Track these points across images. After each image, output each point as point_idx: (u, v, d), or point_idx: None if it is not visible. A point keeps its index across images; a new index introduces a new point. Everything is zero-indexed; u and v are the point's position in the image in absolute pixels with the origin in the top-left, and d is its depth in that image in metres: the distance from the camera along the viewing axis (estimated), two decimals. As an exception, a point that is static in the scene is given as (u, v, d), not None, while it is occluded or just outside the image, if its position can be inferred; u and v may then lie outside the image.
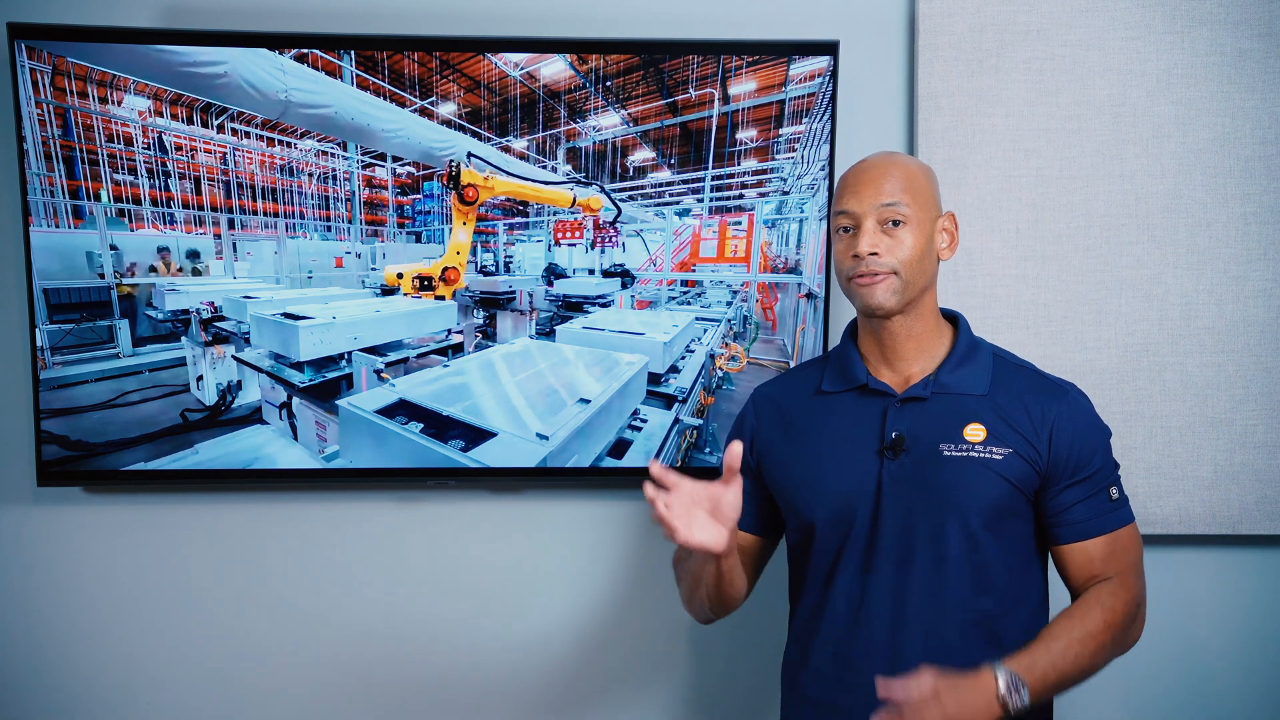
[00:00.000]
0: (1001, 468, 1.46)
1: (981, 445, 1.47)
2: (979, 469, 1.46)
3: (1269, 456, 2.06)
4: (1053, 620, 1.48)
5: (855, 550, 1.49)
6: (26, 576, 2.17)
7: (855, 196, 1.49)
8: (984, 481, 1.46)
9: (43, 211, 2.01)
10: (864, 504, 1.49)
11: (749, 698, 2.19)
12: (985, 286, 2.08)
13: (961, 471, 1.46)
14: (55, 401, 2.04)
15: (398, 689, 2.20)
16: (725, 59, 2.06)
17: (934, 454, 1.48)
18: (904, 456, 1.49)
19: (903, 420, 1.50)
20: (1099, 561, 1.50)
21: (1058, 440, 1.48)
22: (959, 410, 1.49)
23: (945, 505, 1.46)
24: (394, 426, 2.06)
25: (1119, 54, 2.06)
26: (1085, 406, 1.53)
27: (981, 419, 1.49)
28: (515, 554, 2.20)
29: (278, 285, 2.15)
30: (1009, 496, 1.47)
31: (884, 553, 1.48)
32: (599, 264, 2.17)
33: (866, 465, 1.50)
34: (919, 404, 1.51)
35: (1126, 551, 1.52)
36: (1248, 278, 2.06)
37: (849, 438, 1.53)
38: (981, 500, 1.46)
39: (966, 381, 1.51)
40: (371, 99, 2.06)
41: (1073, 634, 1.42)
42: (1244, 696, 2.17)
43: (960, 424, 1.48)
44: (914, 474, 1.48)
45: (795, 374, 1.68)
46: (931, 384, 1.51)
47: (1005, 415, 1.49)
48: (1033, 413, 1.49)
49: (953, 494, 1.46)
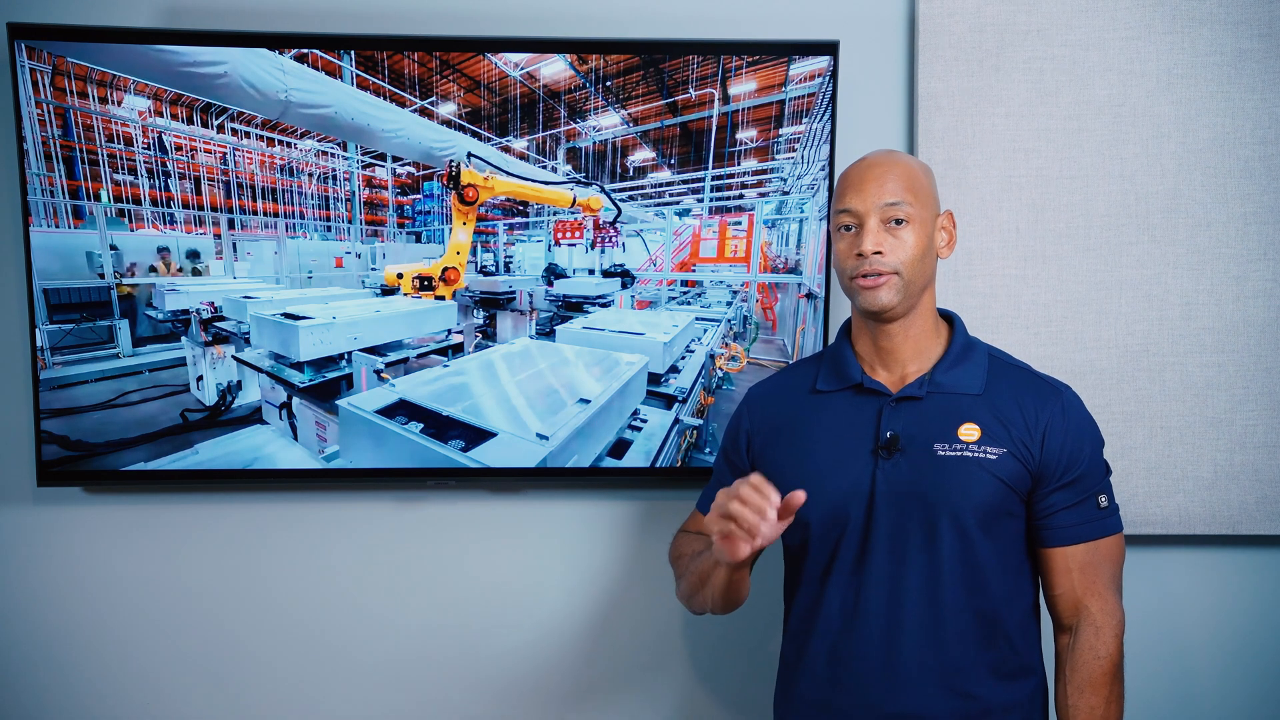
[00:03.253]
0: (995, 468, 1.46)
1: (976, 445, 1.47)
2: (973, 468, 1.46)
3: (1269, 456, 2.06)
4: (1070, 705, 1.52)
5: (850, 550, 1.49)
6: (26, 576, 2.17)
7: (858, 195, 1.49)
8: (978, 481, 1.46)
9: (43, 211, 2.01)
10: (858, 504, 1.49)
11: (745, 696, 2.19)
12: (985, 286, 2.08)
13: (956, 471, 1.46)
14: (55, 401, 2.04)
15: (397, 688, 2.20)
16: (725, 59, 2.06)
17: (928, 453, 1.48)
18: (899, 456, 1.48)
19: (897, 420, 1.50)
20: (1077, 571, 1.51)
21: (1049, 441, 1.48)
22: (954, 410, 1.49)
23: (939, 505, 1.46)
24: (394, 426, 2.06)
25: (1119, 54, 2.06)
26: (1079, 409, 1.53)
27: (976, 418, 1.48)
28: (515, 554, 2.20)
29: (278, 285, 2.15)
30: (1003, 496, 1.47)
31: (878, 552, 1.48)
32: (599, 264, 2.17)
33: (861, 465, 1.50)
34: (914, 403, 1.51)
35: (1106, 563, 1.52)
36: (1248, 278, 2.06)
37: (844, 437, 1.53)
38: (975, 500, 1.46)
39: (961, 381, 1.51)
40: (371, 99, 2.06)
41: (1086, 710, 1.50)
42: (1244, 696, 2.17)
43: (955, 424, 1.48)
44: (908, 474, 1.48)
45: (789, 373, 1.68)
46: (927, 383, 1.51)
47: (1000, 415, 1.49)
48: (1027, 413, 1.49)
49: (946, 493, 1.46)
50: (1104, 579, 1.52)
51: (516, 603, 2.20)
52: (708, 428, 2.15)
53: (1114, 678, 1.51)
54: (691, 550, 1.64)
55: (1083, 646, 1.50)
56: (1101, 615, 1.51)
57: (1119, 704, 1.51)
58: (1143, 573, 2.15)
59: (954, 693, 1.47)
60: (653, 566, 2.18)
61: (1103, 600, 1.51)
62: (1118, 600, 1.53)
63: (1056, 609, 1.54)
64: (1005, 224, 2.08)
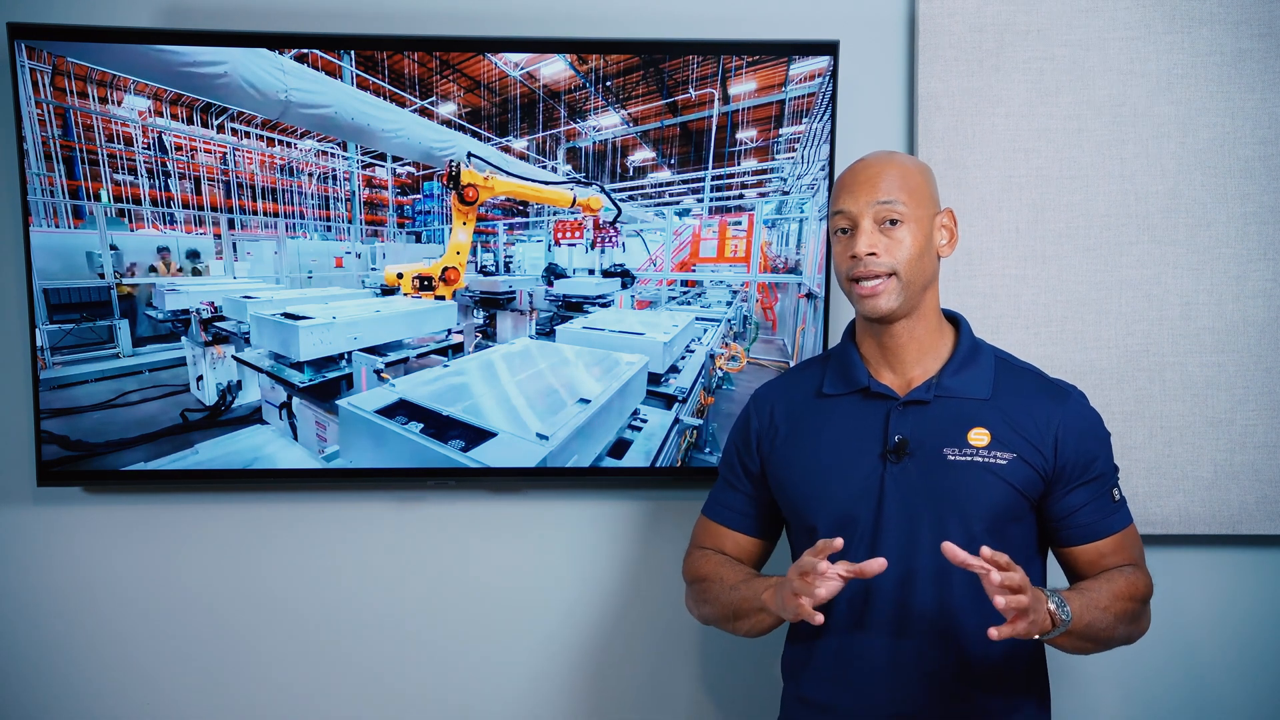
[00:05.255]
0: (1006, 473, 1.46)
1: (986, 450, 1.47)
2: (983, 473, 1.46)
3: (1269, 456, 2.06)
4: (1085, 581, 1.50)
5: (858, 553, 1.48)
6: (26, 576, 2.17)
7: (851, 196, 1.48)
8: (989, 486, 1.46)
9: (43, 211, 2.01)
10: (866, 507, 1.49)
11: (748, 697, 2.19)
12: (985, 286, 2.08)
13: (966, 476, 1.46)
14: (55, 401, 2.04)
15: (397, 688, 2.20)
16: (725, 59, 2.05)
17: (938, 458, 1.47)
18: (907, 460, 1.48)
19: (905, 424, 1.50)
20: (1110, 558, 1.53)
21: (1064, 444, 1.48)
22: (962, 414, 1.49)
23: (949, 509, 1.46)
24: (394, 426, 2.06)
25: (1119, 54, 2.06)
26: (1088, 410, 1.54)
27: (985, 423, 1.48)
28: (515, 554, 2.20)
29: (278, 285, 2.15)
30: (1013, 501, 1.47)
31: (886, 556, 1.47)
32: (599, 264, 2.17)
33: (869, 469, 1.50)
34: (921, 407, 1.50)
35: (1135, 548, 1.55)
36: (1248, 278, 2.06)
37: (851, 441, 1.52)
38: (985, 505, 1.46)
39: (969, 385, 1.51)
40: (371, 99, 2.06)
41: (1103, 594, 1.44)
42: (1244, 696, 2.17)
43: (964, 428, 1.48)
44: (917, 478, 1.47)
45: (795, 375, 1.67)
46: (934, 387, 1.51)
47: (1009, 419, 1.49)
48: (1037, 417, 1.49)
49: (956, 498, 1.46)
50: (1138, 558, 1.55)
51: (516, 602, 2.20)
52: (708, 428, 2.15)
53: (1135, 596, 1.49)
54: (718, 576, 1.60)
55: (1124, 567, 1.52)
56: (1143, 570, 1.54)
57: (1130, 614, 1.48)
58: (1143, 573, 2.15)
59: (960, 696, 1.47)
60: (653, 566, 2.18)
61: (1141, 566, 1.55)
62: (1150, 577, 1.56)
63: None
64: (1005, 224, 2.08)
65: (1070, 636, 1.39)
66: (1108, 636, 1.45)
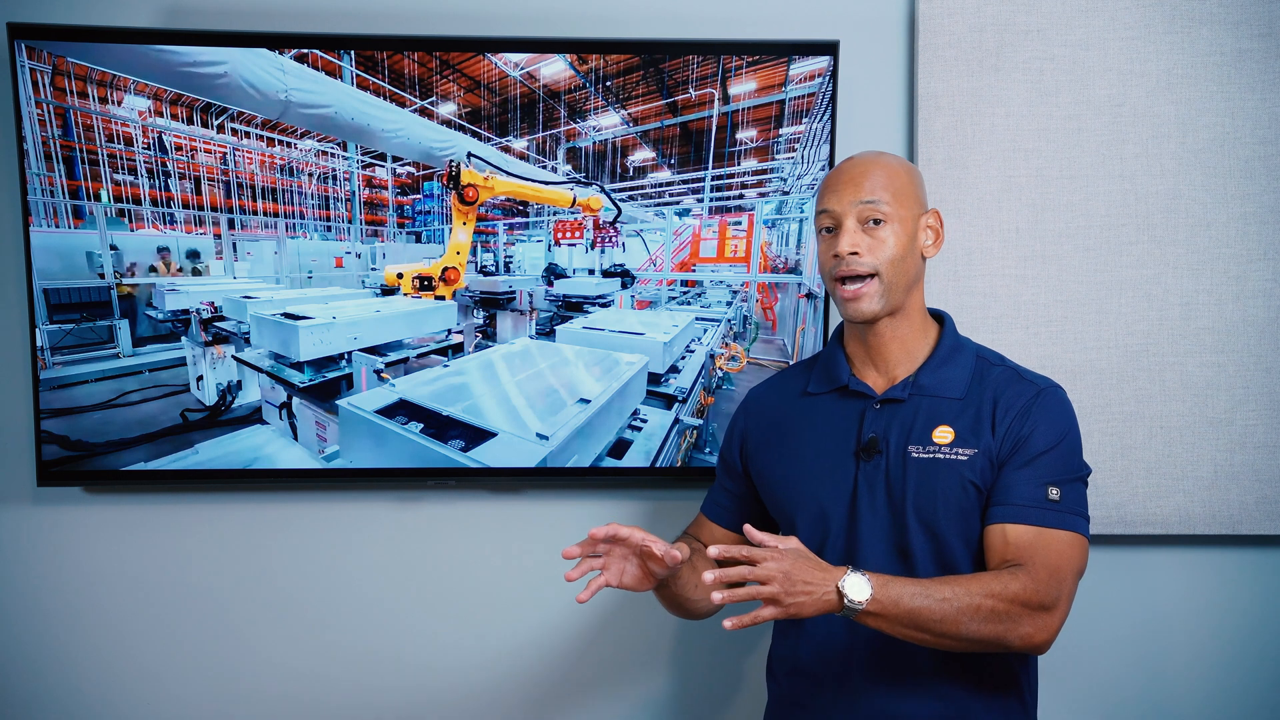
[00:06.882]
0: (965, 468, 1.45)
1: (949, 447, 1.46)
2: (943, 470, 1.45)
3: (1269, 456, 2.06)
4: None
5: (835, 550, 1.49)
6: (26, 577, 2.17)
7: (835, 195, 1.48)
8: (946, 483, 1.45)
9: (43, 211, 2.01)
10: (840, 505, 1.50)
11: (736, 695, 2.19)
12: (985, 286, 2.08)
13: (925, 473, 1.46)
14: (55, 401, 2.04)
15: (397, 687, 2.21)
16: (725, 59, 2.06)
17: (903, 456, 1.48)
18: (878, 458, 1.49)
19: (879, 422, 1.50)
20: (1010, 550, 1.40)
21: (999, 421, 1.45)
22: (933, 412, 1.49)
23: (908, 506, 1.46)
24: (394, 426, 2.06)
25: (1119, 54, 2.06)
26: (1052, 402, 1.47)
27: (952, 421, 1.47)
28: (515, 554, 2.20)
29: (278, 285, 2.15)
30: (972, 496, 1.45)
31: (862, 553, 1.48)
32: (599, 264, 2.17)
33: (844, 467, 1.51)
34: (896, 405, 1.51)
35: (1050, 554, 1.39)
36: (1248, 278, 2.06)
37: (829, 439, 1.53)
38: (942, 501, 1.45)
39: (944, 384, 1.50)
40: (371, 99, 2.06)
41: (946, 585, 1.33)
42: (1244, 696, 2.16)
43: (931, 426, 1.48)
44: (884, 476, 1.48)
45: (786, 376, 1.68)
46: (910, 385, 1.51)
47: (980, 416, 1.47)
48: (999, 409, 1.46)
49: (915, 496, 1.45)
50: (1049, 568, 1.37)
51: (516, 602, 2.20)
52: (707, 428, 2.15)
53: (994, 596, 1.33)
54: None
55: (1004, 568, 1.38)
56: (1032, 578, 1.35)
57: (981, 615, 1.32)
58: (1142, 573, 2.15)
59: (935, 694, 1.47)
60: (653, 566, 2.18)
61: (1038, 574, 1.36)
62: (1056, 594, 1.37)
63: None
64: (1005, 224, 2.08)
65: (886, 620, 1.29)
66: (950, 631, 1.31)
